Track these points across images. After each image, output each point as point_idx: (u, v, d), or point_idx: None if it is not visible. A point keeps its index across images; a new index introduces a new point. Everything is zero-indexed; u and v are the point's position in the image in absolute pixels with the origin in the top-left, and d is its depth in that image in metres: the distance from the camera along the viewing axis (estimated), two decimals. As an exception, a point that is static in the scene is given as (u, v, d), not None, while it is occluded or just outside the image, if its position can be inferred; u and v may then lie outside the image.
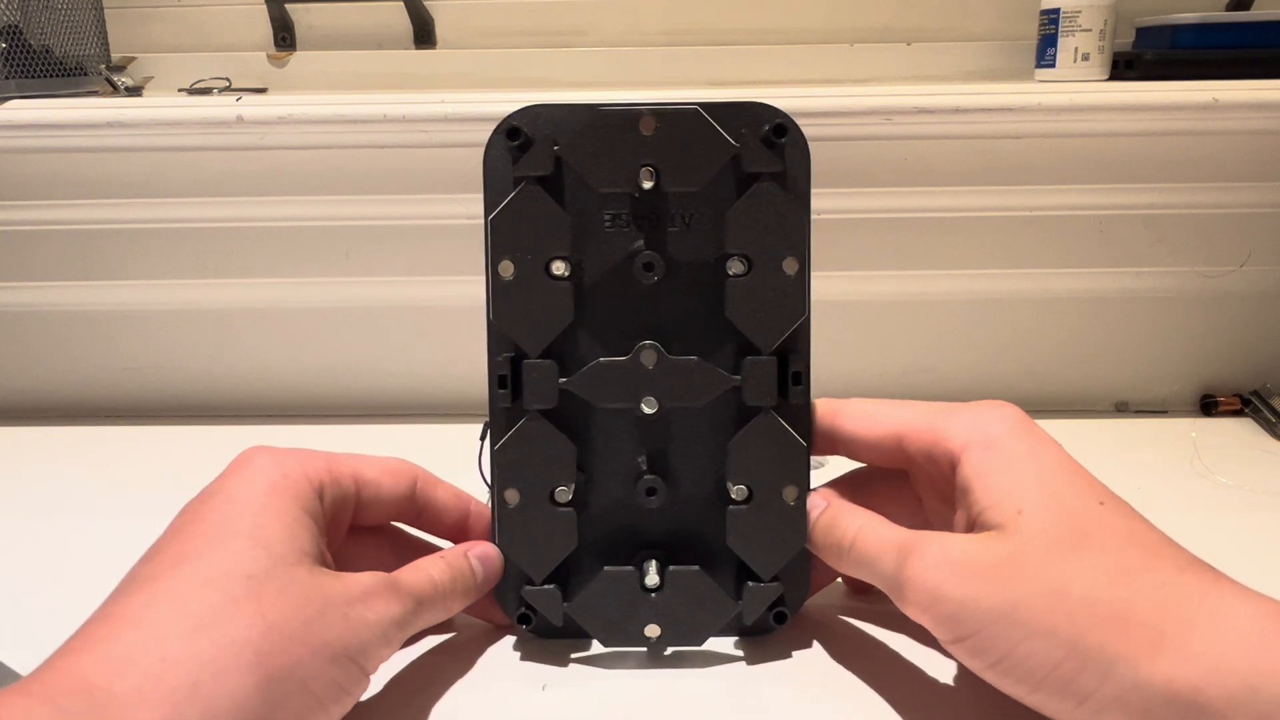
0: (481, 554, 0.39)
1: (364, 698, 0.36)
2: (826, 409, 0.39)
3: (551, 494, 0.38)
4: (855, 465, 0.41)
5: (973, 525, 0.34)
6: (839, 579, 0.43)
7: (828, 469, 0.43)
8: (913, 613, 0.33)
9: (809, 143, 0.38)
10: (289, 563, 0.32)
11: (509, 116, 0.37)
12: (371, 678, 0.34)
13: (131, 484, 0.58)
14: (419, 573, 0.36)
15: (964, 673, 0.37)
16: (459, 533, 0.40)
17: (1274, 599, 0.30)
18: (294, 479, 0.35)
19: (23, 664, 0.28)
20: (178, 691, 0.27)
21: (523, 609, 0.40)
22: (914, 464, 0.38)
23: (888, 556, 0.34)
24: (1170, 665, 0.29)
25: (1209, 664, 0.28)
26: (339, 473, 0.37)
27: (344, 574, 0.33)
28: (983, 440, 0.35)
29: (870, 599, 0.43)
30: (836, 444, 0.39)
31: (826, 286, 0.67)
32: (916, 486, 0.38)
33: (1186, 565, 0.31)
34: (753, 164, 0.37)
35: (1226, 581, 0.31)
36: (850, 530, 0.36)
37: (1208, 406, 0.68)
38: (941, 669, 0.38)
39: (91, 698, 0.26)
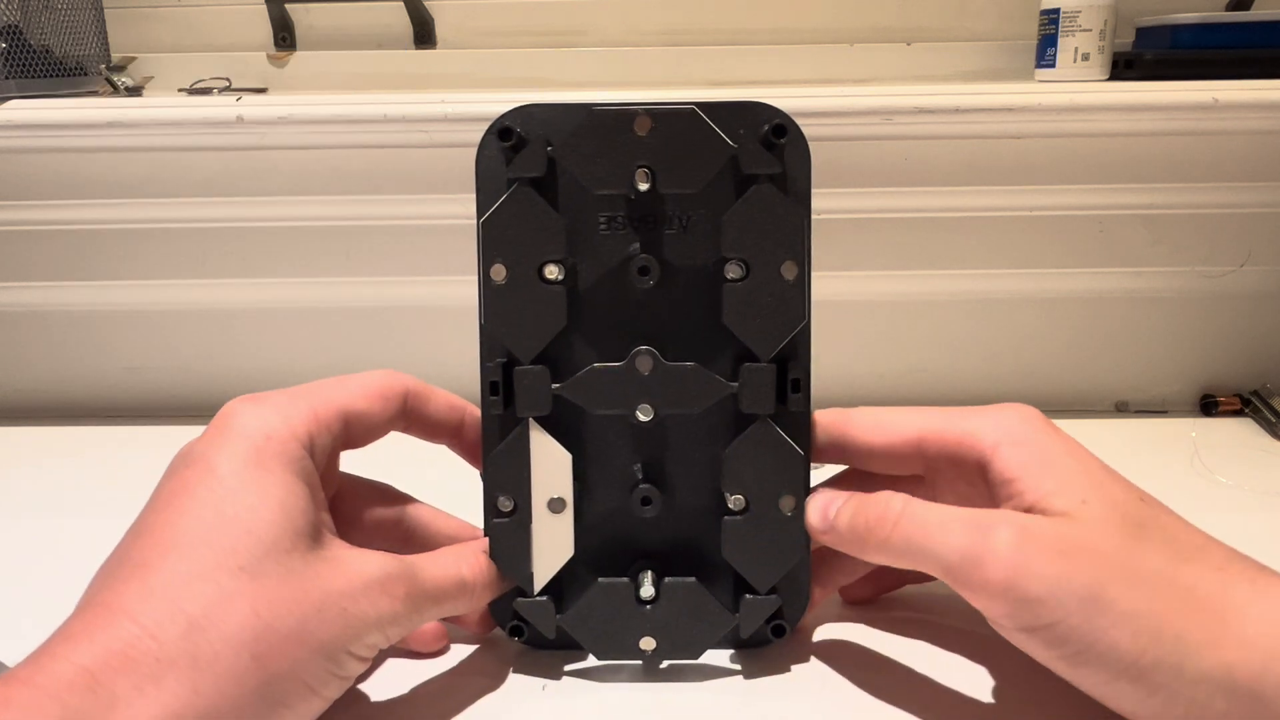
0: None
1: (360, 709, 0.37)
2: (834, 418, 0.38)
3: (547, 503, 0.38)
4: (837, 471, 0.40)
5: (1029, 512, 0.33)
6: (835, 592, 0.42)
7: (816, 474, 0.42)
8: (983, 595, 0.31)
9: (809, 143, 0.37)
10: (283, 549, 0.31)
11: (501, 116, 0.36)
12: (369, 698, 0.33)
13: (131, 484, 0.57)
14: (444, 568, 0.35)
15: (965, 686, 0.37)
16: (453, 442, 0.40)
17: None
18: (280, 439, 0.33)
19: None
20: (179, 697, 0.27)
21: (515, 621, 0.39)
22: (933, 467, 0.37)
23: (954, 534, 0.32)
24: (1230, 653, 0.29)
25: (1265, 652, 0.29)
26: (325, 417, 0.35)
27: (346, 557, 0.32)
28: (1012, 438, 0.34)
29: (870, 609, 0.42)
30: (846, 453, 0.38)
31: (826, 287, 0.67)
32: (935, 490, 0.37)
33: (1232, 555, 0.32)
34: (751, 165, 0.36)
35: (1271, 572, 0.31)
36: (893, 511, 0.34)
37: (1208, 406, 0.68)
38: (942, 682, 0.37)
39: (95, 695, 0.26)
